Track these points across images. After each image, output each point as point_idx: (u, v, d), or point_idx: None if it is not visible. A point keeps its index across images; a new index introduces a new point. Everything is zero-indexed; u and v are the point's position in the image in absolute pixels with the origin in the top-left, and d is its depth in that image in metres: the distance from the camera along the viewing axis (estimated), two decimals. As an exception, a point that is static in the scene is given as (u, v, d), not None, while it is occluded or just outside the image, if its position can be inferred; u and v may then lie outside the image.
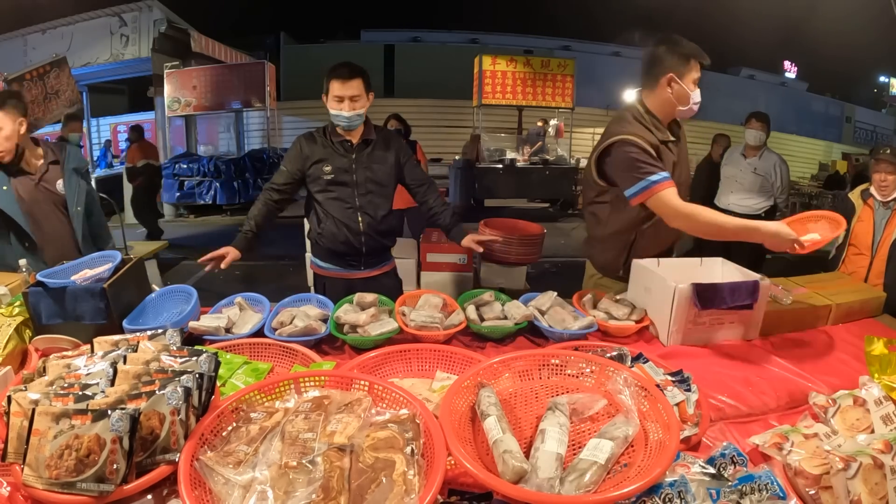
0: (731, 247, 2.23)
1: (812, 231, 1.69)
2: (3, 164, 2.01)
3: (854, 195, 2.45)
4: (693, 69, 1.75)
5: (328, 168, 2.07)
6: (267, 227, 2.16)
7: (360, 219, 2.11)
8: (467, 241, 2.10)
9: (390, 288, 2.23)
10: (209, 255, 1.97)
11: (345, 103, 1.99)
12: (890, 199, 2.29)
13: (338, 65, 2.01)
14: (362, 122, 2.08)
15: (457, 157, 9.66)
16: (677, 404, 1.11)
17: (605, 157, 1.80)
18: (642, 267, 1.78)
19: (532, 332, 1.68)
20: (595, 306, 1.78)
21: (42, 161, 2.13)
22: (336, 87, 1.98)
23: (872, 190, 2.34)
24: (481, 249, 2.08)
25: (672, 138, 1.83)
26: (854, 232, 2.37)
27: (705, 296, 1.57)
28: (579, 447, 0.96)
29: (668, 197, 1.66)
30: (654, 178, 1.67)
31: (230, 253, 2.00)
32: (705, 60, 1.76)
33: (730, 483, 0.91)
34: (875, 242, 2.30)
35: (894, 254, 2.21)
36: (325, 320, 1.63)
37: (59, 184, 2.14)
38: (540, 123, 9.91)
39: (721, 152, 4.82)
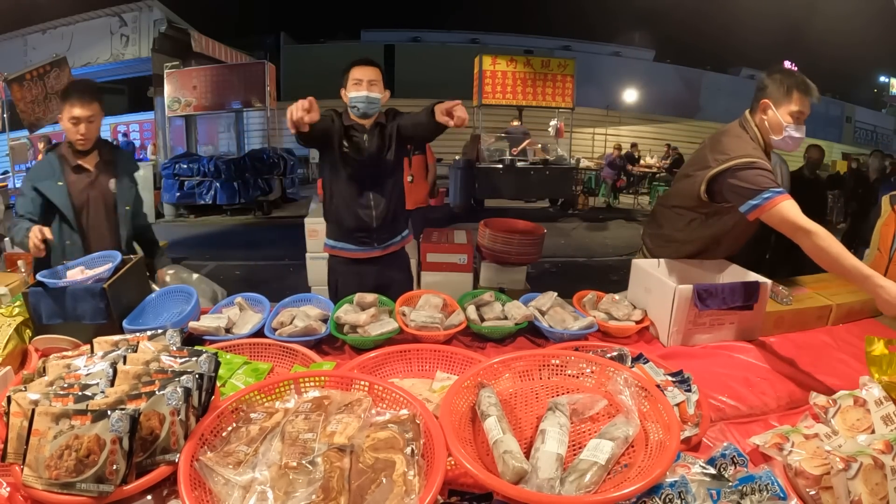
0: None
1: None
2: (64, 158, 2.08)
3: (885, 200, 2.44)
4: (793, 101, 1.70)
5: (346, 143, 2.08)
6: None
7: (371, 195, 2.11)
8: (438, 112, 1.91)
9: (400, 268, 2.25)
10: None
11: (363, 84, 2.01)
12: None
13: (357, 58, 2.08)
14: (377, 113, 2.08)
15: (457, 157, 9.65)
16: (677, 405, 1.11)
17: (724, 174, 1.69)
18: (642, 268, 1.79)
19: (532, 333, 1.68)
20: (595, 307, 1.78)
21: (98, 160, 2.17)
22: (356, 72, 2.03)
23: None
24: (452, 122, 1.82)
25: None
26: (880, 235, 2.36)
27: (705, 296, 1.57)
28: (579, 447, 0.96)
29: (789, 208, 1.55)
30: (775, 189, 1.58)
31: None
32: (811, 96, 1.70)
33: (730, 483, 0.91)
34: (894, 245, 2.29)
35: None
36: (325, 320, 1.63)
37: (112, 183, 2.18)
38: (514, 123, 9.90)
39: (814, 165, 4.60)
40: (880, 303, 1.40)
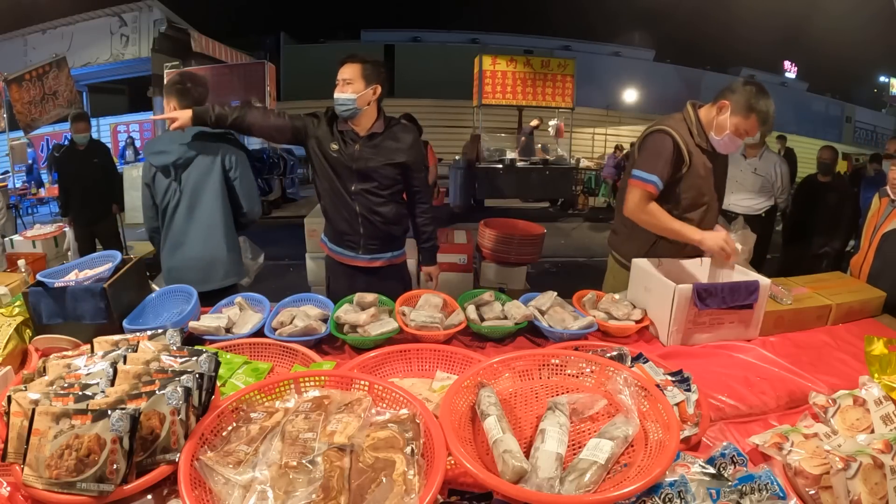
0: None
1: None
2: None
3: (876, 196, 2.46)
4: (746, 120, 1.81)
5: (335, 146, 2.04)
6: (227, 123, 2.05)
7: (357, 207, 2.08)
8: (424, 272, 2.33)
9: (396, 279, 2.21)
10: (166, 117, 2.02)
11: (338, 86, 1.99)
12: None
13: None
14: (360, 112, 2.00)
15: (457, 157, 9.65)
16: (677, 404, 1.11)
17: (641, 143, 1.96)
18: (642, 267, 1.79)
19: (532, 332, 1.68)
20: (595, 306, 1.78)
21: None
22: (337, 74, 2.02)
23: (888, 189, 2.35)
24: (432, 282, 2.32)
25: (707, 147, 1.92)
26: (867, 225, 2.38)
27: (705, 296, 1.57)
28: (579, 447, 0.96)
29: (639, 196, 1.88)
30: (651, 177, 1.86)
31: (184, 116, 1.99)
32: (765, 129, 1.84)
33: (730, 483, 0.91)
34: (874, 234, 2.31)
35: (883, 245, 2.22)
36: (325, 320, 1.63)
37: None
38: (534, 123, 9.87)
39: (826, 167, 4.35)
40: (706, 252, 1.78)
